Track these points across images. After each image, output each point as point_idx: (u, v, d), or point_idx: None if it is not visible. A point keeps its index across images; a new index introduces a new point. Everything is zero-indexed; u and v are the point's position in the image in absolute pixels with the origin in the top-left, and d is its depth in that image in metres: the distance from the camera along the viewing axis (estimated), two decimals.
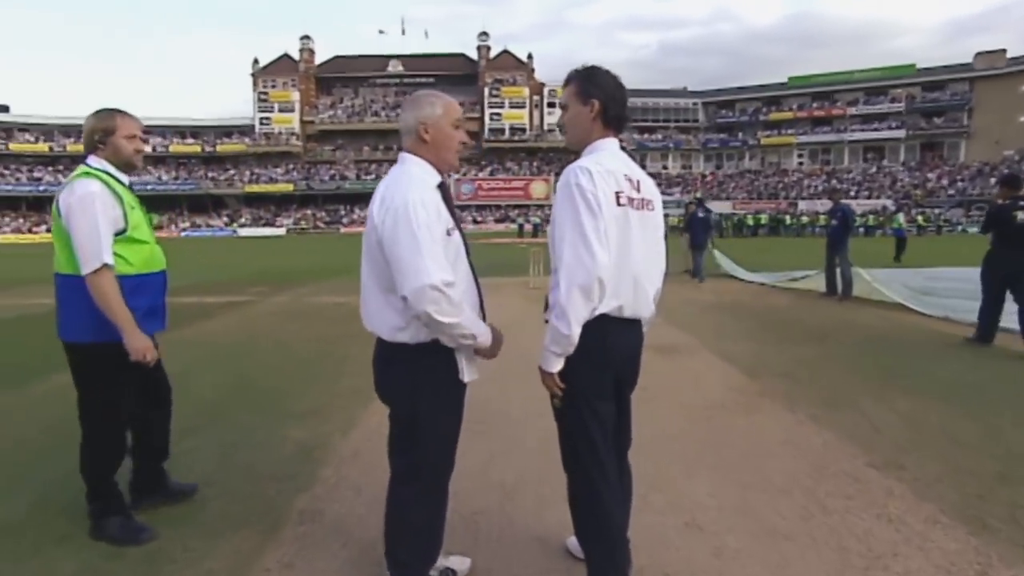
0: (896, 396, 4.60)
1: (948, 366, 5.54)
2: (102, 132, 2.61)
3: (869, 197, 55.37)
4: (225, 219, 61.74)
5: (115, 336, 2.47)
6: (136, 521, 2.67)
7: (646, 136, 68.56)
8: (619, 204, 1.90)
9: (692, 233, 12.89)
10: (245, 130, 66.17)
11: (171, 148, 65.37)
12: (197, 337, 7.05)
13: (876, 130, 62.80)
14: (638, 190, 2.00)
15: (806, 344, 6.55)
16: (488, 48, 67.00)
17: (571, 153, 2.09)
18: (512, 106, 65.37)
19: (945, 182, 56.86)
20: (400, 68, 68.42)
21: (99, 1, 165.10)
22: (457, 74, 67.58)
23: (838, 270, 9.64)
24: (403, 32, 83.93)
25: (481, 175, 64.01)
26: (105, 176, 2.56)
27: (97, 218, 2.42)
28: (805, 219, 45.09)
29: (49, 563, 2.44)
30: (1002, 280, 6.22)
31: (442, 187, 1.99)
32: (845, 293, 9.51)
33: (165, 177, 64.35)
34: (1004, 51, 57.39)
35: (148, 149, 64.13)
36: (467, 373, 2.03)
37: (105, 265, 2.42)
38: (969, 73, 58.97)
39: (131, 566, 2.41)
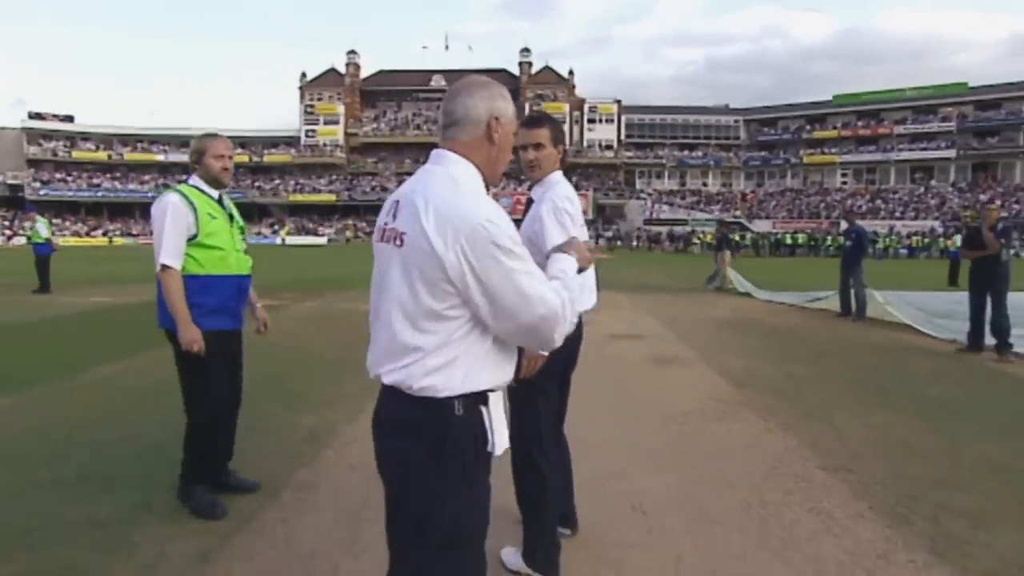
0: (873, 411, 4.82)
1: (937, 386, 5.70)
2: (197, 153, 3.03)
3: (916, 218, 54.01)
4: (272, 228, 63.70)
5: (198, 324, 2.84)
6: (215, 497, 2.98)
7: (686, 153, 68.25)
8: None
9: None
10: (291, 141, 68.32)
11: None
12: None
13: (924, 149, 61.28)
14: None
15: (804, 361, 6.75)
16: (530, 64, 67.86)
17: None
18: None
19: (998, 203, 54.95)
20: (443, 83, 69.84)
21: (155, 17, 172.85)
22: None
23: (852, 291, 9.75)
24: (447, 47, 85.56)
25: (520, 189, 64.65)
26: (188, 189, 2.97)
27: (165, 227, 2.83)
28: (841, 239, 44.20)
29: (95, 509, 2.92)
30: None
31: None
32: (859, 314, 9.60)
33: None
34: None
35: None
36: (501, 439, 1.48)
37: (165, 266, 2.82)
38: None
39: (156, 520, 2.87)
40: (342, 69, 68.85)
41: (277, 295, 12.27)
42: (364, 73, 70.52)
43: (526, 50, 68.16)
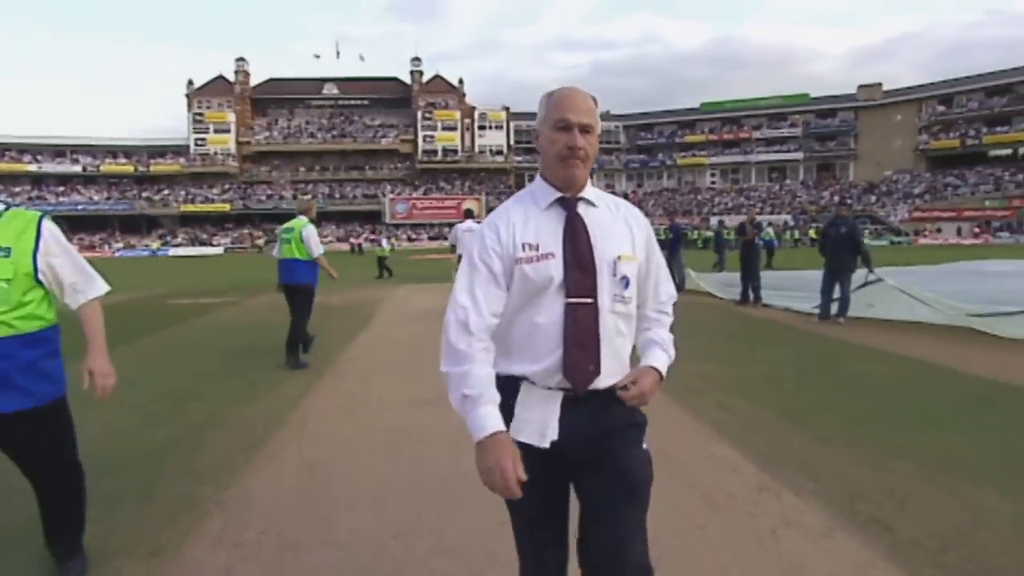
0: None
1: (703, 322, 9.09)
2: (312, 209, 6.44)
3: (772, 212, 61.21)
4: (162, 240, 61.99)
5: (314, 282, 6.13)
6: (304, 360, 5.98)
7: None
8: None
9: None
10: (180, 150, 66.69)
11: (102, 168, 65.32)
12: (213, 321, 9.89)
13: (778, 152, 69.10)
14: None
15: None
16: (421, 72, 69.96)
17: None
18: (444, 128, 68.54)
19: (836, 199, 63.49)
20: (335, 91, 70.74)
21: (15, 8, 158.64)
22: (391, 97, 70.47)
23: (674, 271, 13.31)
24: (338, 55, 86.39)
25: (415, 195, 66.86)
26: (312, 222, 6.14)
27: (318, 238, 6.09)
28: (709, 233, 49.88)
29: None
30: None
31: (563, 204, 1.60)
32: (679, 287, 13.17)
33: (96, 197, 64.21)
34: (880, 84, 65.37)
35: (79, 169, 64.55)
36: (519, 428, 1.49)
37: (322, 254, 6.13)
38: (853, 103, 66.30)
39: (279, 378, 5.43)
40: (231, 77, 68.05)
41: (225, 295, 14.31)
42: (254, 81, 69.97)
43: (417, 59, 70.20)
